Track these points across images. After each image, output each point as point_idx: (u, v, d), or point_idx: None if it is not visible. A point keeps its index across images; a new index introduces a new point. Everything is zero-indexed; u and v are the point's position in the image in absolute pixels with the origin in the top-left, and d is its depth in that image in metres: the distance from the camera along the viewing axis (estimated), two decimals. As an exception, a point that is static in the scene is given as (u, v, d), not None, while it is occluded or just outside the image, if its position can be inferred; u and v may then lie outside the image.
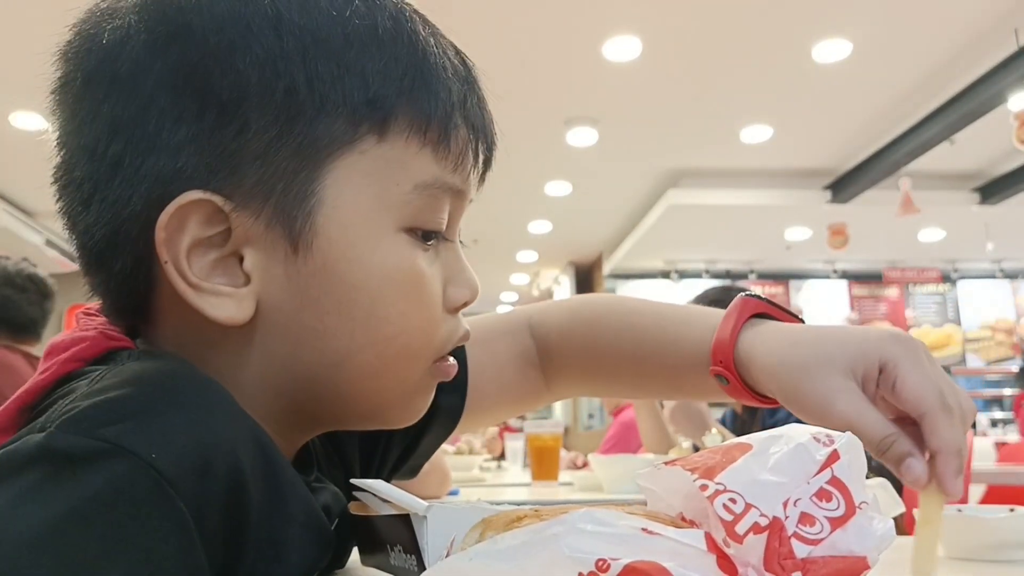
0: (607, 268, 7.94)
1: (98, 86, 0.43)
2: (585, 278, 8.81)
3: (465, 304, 0.51)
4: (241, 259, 0.44)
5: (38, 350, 2.46)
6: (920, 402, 0.52)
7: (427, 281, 0.48)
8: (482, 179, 0.52)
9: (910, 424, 0.53)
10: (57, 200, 0.47)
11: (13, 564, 0.30)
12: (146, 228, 0.42)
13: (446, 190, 0.48)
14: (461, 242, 0.54)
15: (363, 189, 0.45)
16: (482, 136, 0.50)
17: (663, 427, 2.17)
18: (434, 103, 0.46)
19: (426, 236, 0.48)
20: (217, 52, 0.42)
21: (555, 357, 0.70)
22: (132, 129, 0.42)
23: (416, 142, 0.46)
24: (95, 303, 0.49)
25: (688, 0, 3.71)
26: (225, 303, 0.43)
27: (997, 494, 2.64)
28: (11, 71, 4.18)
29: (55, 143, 0.46)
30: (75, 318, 0.48)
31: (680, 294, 7.32)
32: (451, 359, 0.52)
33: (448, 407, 0.66)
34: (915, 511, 0.56)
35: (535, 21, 3.85)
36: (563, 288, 9.15)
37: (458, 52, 0.50)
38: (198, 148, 0.42)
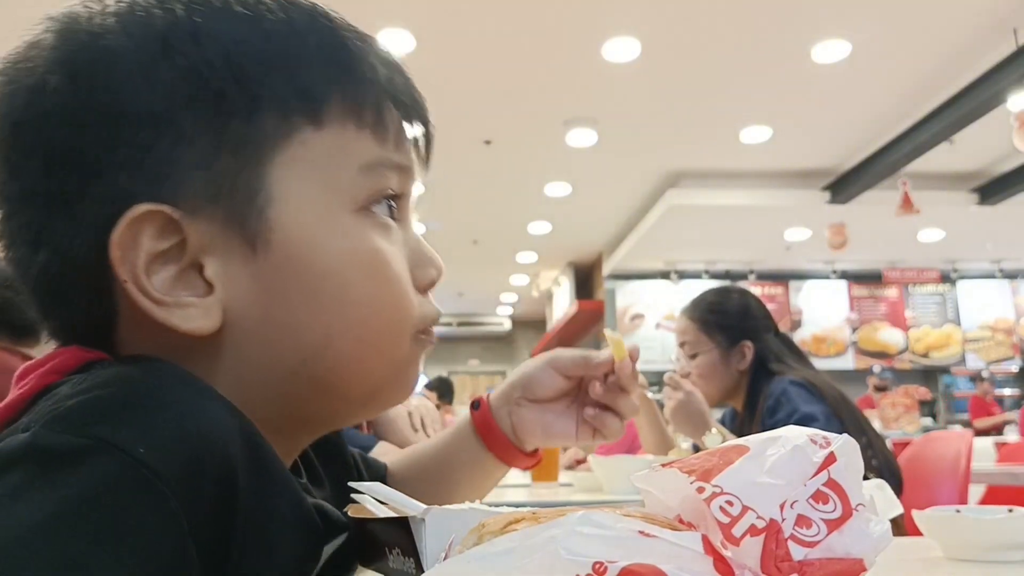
0: (607, 269, 7.94)
1: (27, 128, 0.43)
2: (585, 279, 8.81)
3: (432, 282, 0.52)
4: (201, 268, 0.44)
5: (39, 353, 2.45)
6: None
7: (390, 257, 0.48)
8: (426, 160, 0.53)
9: None
10: (6, 254, 0.46)
11: (2, 564, 0.30)
12: (100, 254, 0.42)
13: (391, 168, 0.49)
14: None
15: (310, 178, 0.45)
16: (415, 115, 0.51)
17: (662, 428, 2.17)
18: (364, 86, 0.47)
19: (388, 212, 0.50)
20: (140, 69, 0.42)
21: None
22: (68, 160, 0.42)
23: (353, 125, 0.47)
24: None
25: (688, 1, 3.71)
26: (192, 314, 0.43)
27: (997, 494, 2.64)
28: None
29: None
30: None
31: (680, 294, 7.33)
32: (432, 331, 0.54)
33: None
34: None
35: (535, 22, 3.86)
36: (563, 288, 9.15)
37: (375, 40, 0.51)
38: (138, 165, 0.42)
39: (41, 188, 0.43)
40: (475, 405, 0.75)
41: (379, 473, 0.74)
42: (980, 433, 5.54)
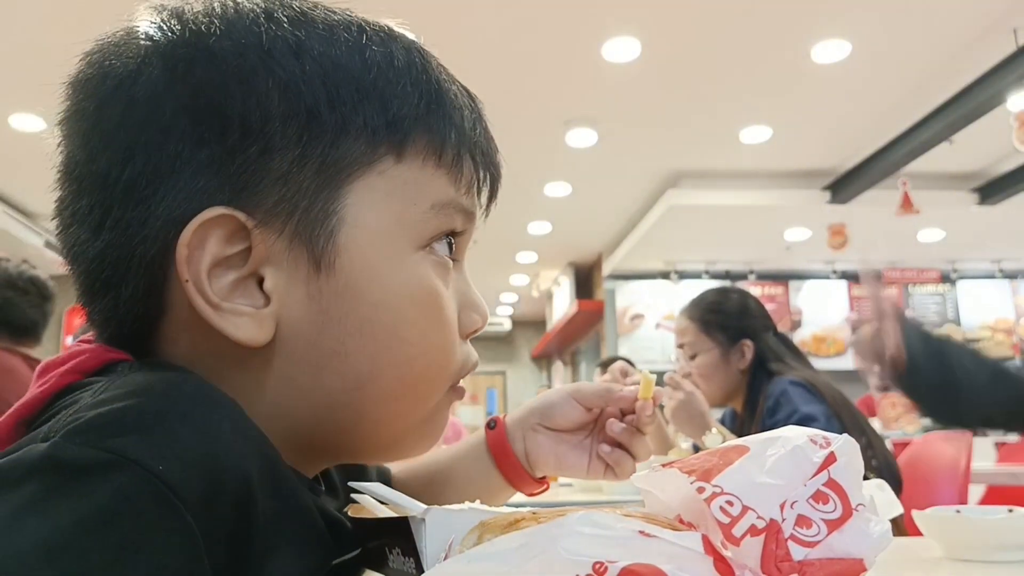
0: (607, 269, 7.94)
1: (113, 112, 0.43)
2: (585, 279, 8.81)
3: (476, 331, 0.52)
4: (261, 280, 0.44)
5: (38, 352, 2.45)
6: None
7: (445, 302, 0.48)
8: (487, 209, 0.53)
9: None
10: (60, 232, 0.46)
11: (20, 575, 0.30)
12: (163, 250, 0.42)
13: (459, 211, 0.49)
14: None
15: (383, 208, 0.45)
16: (490, 164, 0.52)
17: (662, 428, 2.17)
18: (449, 128, 0.48)
19: (449, 251, 0.50)
20: (240, 75, 0.43)
21: None
22: (150, 152, 0.42)
23: (432, 164, 0.47)
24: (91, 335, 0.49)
25: (687, 1, 3.71)
26: (245, 323, 0.43)
27: (997, 494, 2.64)
28: (11, 73, 4.18)
29: (59, 175, 0.46)
30: (65, 348, 0.47)
31: (680, 294, 7.33)
32: (461, 383, 0.53)
33: None
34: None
35: (535, 22, 3.86)
36: (563, 289, 9.15)
37: (464, 87, 0.52)
38: (220, 168, 0.42)
39: (116, 174, 0.43)
40: (491, 424, 0.75)
41: (385, 478, 0.74)
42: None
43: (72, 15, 3.64)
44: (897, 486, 1.74)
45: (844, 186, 5.92)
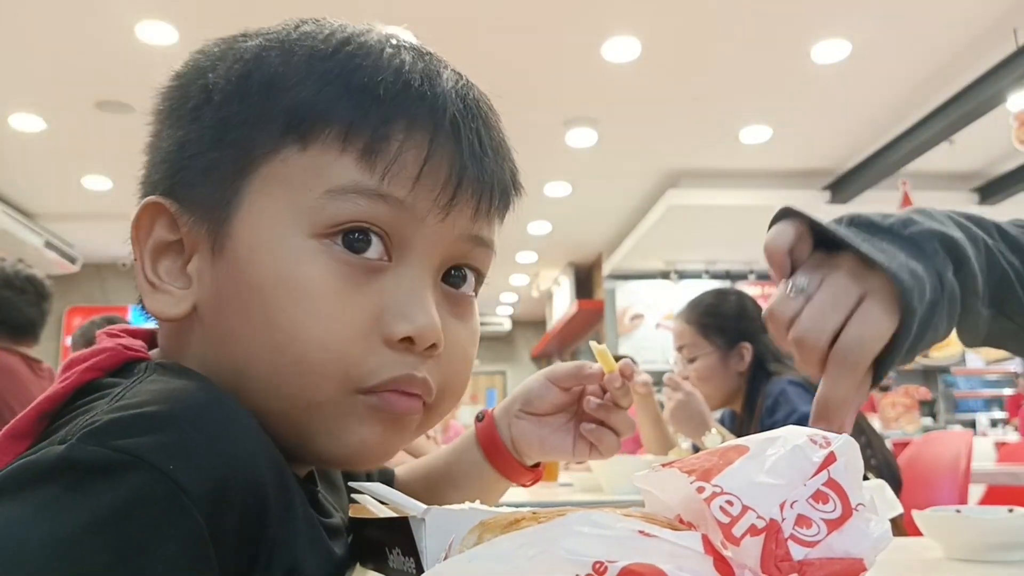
0: (607, 269, 7.94)
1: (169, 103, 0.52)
2: (585, 279, 8.81)
3: (397, 338, 0.46)
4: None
5: (37, 352, 2.45)
6: None
7: (324, 290, 0.45)
8: (451, 204, 0.48)
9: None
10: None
11: (35, 572, 0.30)
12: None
13: (369, 197, 0.45)
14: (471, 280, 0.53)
15: (278, 195, 0.46)
16: (448, 155, 0.47)
17: (663, 428, 2.17)
18: (358, 108, 0.45)
19: (353, 249, 0.46)
20: (194, 74, 0.50)
21: None
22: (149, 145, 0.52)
23: (337, 149, 0.45)
24: (120, 326, 0.52)
25: (687, 0, 3.71)
26: (164, 300, 0.47)
27: (997, 494, 2.64)
28: (11, 73, 4.18)
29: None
30: (97, 338, 0.49)
31: (680, 294, 7.32)
32: (394, 392, 0.47)
33: None
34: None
35: (535, 22, 3.86)
36: (563, 288, 9.15)
37: (459, 84, 0.50)
38: (169, 159, 0.49)
39: (154, 139, 0.52)
40: (480, 417, 0.76)
41: (387, 478, 0.74)
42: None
43: (72, 16, 3.64)
44: (897, 486, 1.74)
45: (844, 186, 5.93)
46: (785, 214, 0.62)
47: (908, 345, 0.59)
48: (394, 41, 0.49)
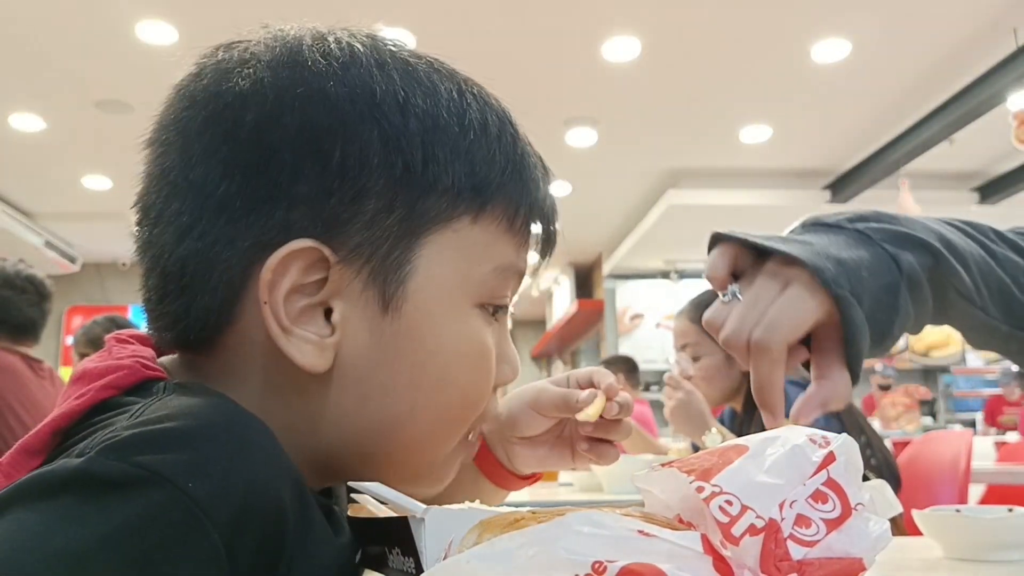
0: (607, 268, 7.94)
1: (219, 128, 0.45)
2: (585, 278, 8.81)
3: (507, 383, 0.55)
4: (327, 310, 0.46)
5: (37, 352, 2.45)
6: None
7: (491, 356, 0.51)
8: (537, 271, 0.56)
9: None
10: (140, 229, 0.48)
11: None
12: (246, 269, 0.45)
13: (516, 274, 0.52)
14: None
15: (452, 264, 0.48)
16: (551, 232, 0.55)
17: (641, 434, 2.18)
18: (525, 196, 0.51)
19: (493, 312, 0.52)
20: (347, 120, 0.45)
21: None
22: (249, 175, 0.45)
23: (504, 228, 0.50)
24: (128, 330, 0.50)
25: (687, 1, 3.71)
26: (310, 350, 0.45)
27: (997, 494, 2.64)
28: (11, 72, 4.18)
29: (151, 175, 0.48)
30: (107, 344, 0.48)
31: (680, 294, 7.32)
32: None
33: None
34: None
35: (535, 21, 3.86)
36: (563, 288, 9.15)
37: (538, 154, 0.55)
38: (314, 204, 0.45)
39: (213, 187, 0.45)
40: None
41: None
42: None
43: (73, 16, 3.64)
44: (897, 486, 1.74)
45: (844, 185, 5.92)
46: (718, 239, 0.67)
47: (863, 330, 0.60)
48: (507, 112, 0.52)
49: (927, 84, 4.50)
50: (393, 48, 0.49)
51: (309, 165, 0.44)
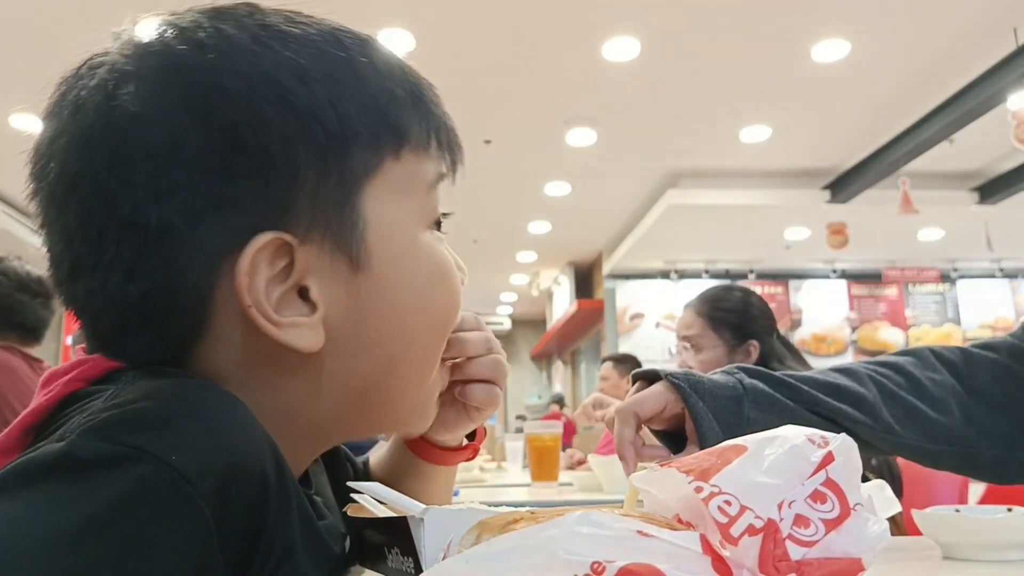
0: (607, 268, 7.94)
1: (129, 156, 0.43)
2: (585, 278, 8.81)
3: (463, 285, 0.57)
4: (302, 290, 0.46)
5: (38, 352, 2.46)
6: None
7: (453, 268, 0.54)
8: (456, 171, 0.56)
9: None
10: (73, 282, 0.46)
11: (37, 568, 0.30)
12: (212, 281, 0.44)
13: (441, 179, 0.54)
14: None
15: (394, 204, 0.50)
16: (452, 134, 0.55)
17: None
18: (431, 120, 0.52)
19: (437, 226, 0.54)
20: (255, 108, 0.44)
21: None
22: (180, 194, 0.43)
23: (422, 153, 0.51)
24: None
25: (687, 1, 3.71)
26: (306, 333, 0.46)
27: (997, 494, 2.64)
28: (10, 71, 4.18)
29: (62, 229, 0.46)
30: (77, 353, 0.48)
31: (680, 294, 7.32)
32: None
33: None
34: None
35: (535, 22, 3.86)
36: (563, 288, 9.15)
37: (422, 76, 0.55)
38: (256, 199, 0.44)
39: (144, 220, 0.43)
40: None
41: (361, 472, 0.73)
42: None
43: (72, 15, 3.64)
44: (897, 486, 1.74)
45: (844, 185, 5.93)
46: (637, 376, 0.98)
47: (705, 417, 0.88)
48: (380, 45, 0.52)
49: (927, 84, 4.51)
50: (254, 17, 0.47)
51: (236, 164, 0.43)
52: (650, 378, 0.95)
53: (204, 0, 0.49)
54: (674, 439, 0.92)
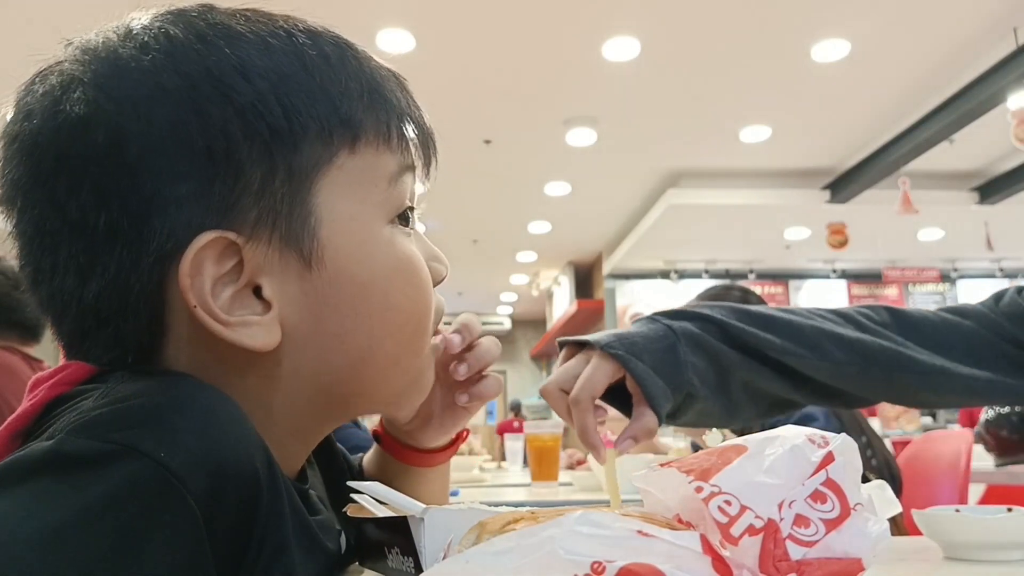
0: (607, 268, 7.94)
1: (73, 160, 0.44)
2: (585, 278, 8.81)
3: (442, 279, 0.57)
4: (255, 288, 0.46)
5: (38, 352, 2.46)
6: None
7: (420, 262, 0.53)
8: (428, 170, 0.56)
9: None
10: (33, 288, 0.47)
11: (26, 565, 0.30)
12: (160, 281, 0.44)
13: (408, 173, 0.53)
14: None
15: (349, 198, 0.49)
16: (423, 128, 0.54)
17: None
18: (390, 111, 0.51)
19: (404, 220, 0.53)
20: (197, 106, 0.44)
21: None
22: (125, 196, 0.43)
23: (382, 146, 0.50)
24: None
25: (687, 0, 3.71)
26: (257, 332, 0.45)
27: (996, 494, 2.64)
28: (10, 72, 4.18)
29: (20, 235, 0.46)
30: (60, 361, 0.48)
31: (680, 294, 7.33)
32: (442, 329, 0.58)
33: None
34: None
35: (535, 22, 3.86)
36: (563, 288, 9.15)
37: (387, 67, 0.54)
38: (200, 197, 0.44)
39: (92, 222, 0.43)
40: (377, 439, 0.73)
41: (357, 471, 0.73)
42: None
43: (71, 14, 3.64)
44: (897, 486, 1.74)
45: (844, 185, 5.93)
46: (561, 344, 0.89)
47: (649, 377, 0.81)
48: (337, 36, 0.51)
49: (927, 84, 4.51)
50: (205, 17, 0.47)
51: (179, 163, 0.43)
52: (578, 344, 0.87)
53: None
54: (619, 399, 0.86)
